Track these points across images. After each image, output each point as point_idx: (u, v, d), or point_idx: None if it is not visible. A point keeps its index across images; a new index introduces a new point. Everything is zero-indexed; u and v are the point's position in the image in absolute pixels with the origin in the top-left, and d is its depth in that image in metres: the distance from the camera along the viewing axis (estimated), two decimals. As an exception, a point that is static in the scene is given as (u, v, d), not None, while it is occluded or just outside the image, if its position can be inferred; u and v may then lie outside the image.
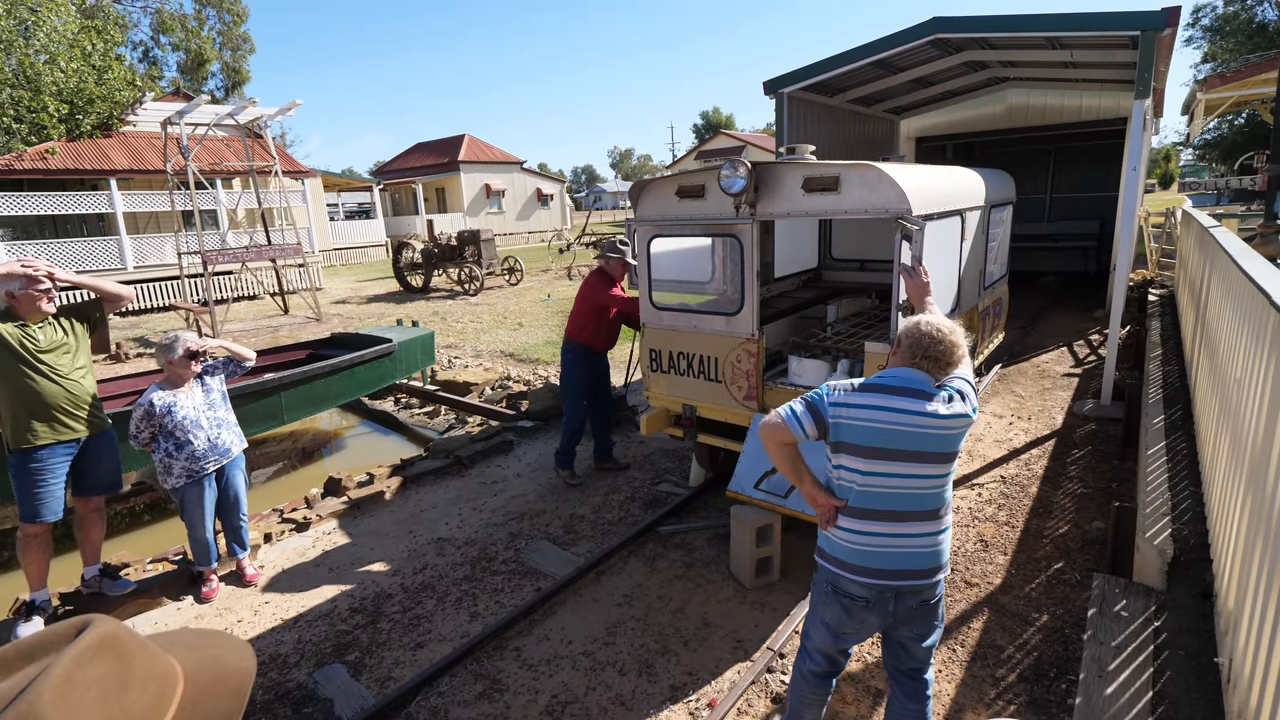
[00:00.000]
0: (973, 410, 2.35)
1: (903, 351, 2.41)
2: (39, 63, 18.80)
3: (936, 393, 2.32)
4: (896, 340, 2.47)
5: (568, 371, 5.83)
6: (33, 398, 3.84)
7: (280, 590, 4.53)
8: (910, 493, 2.33)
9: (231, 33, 38.39)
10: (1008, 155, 14.63)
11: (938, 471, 2.33)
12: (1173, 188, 44.90)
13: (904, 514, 2.34)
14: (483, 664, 3.68)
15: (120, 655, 0.70)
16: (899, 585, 2.37)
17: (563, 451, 5.88)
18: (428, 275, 18.49)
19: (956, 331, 2.38)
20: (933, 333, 2.35)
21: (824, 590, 2.52)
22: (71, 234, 19.30)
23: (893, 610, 2.40)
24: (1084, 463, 5.72)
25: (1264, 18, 31.19)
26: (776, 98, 9.04)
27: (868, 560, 2.37)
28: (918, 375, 2.35)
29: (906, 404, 2.29)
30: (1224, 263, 4.41)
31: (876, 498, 2.34)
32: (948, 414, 2.29)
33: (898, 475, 2.31)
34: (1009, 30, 7.63)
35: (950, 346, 2.34)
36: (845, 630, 2.50)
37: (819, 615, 2.57)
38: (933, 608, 2.46)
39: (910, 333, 2.40)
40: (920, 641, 2.50)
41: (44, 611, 4.07)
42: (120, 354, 11.77)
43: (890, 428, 2.28)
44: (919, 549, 2.37)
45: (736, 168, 4.20)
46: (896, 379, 2.36)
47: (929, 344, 2.34)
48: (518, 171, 38.01)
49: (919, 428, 2.27)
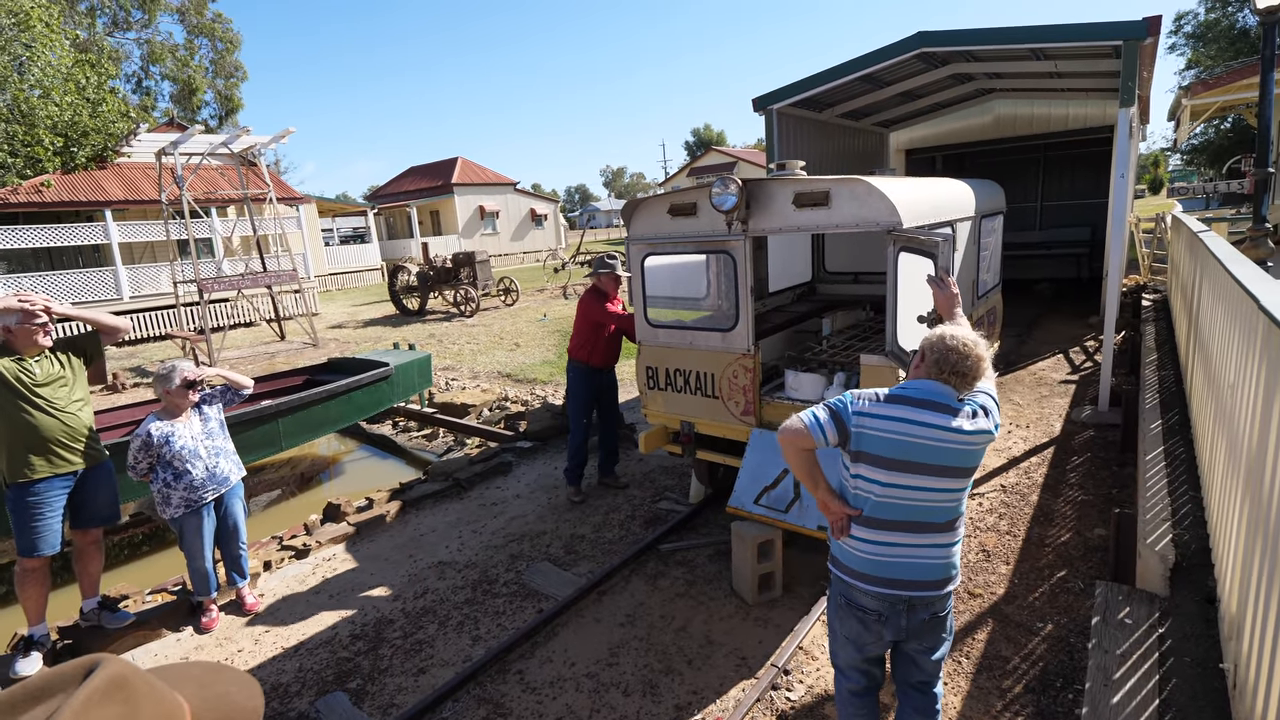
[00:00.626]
0: (995, 426, 2.35)
1: (927, 365, 2.39)
2: (34, 97, 18.93)
3: (960, 407, 2.31)
4: (920, 353, 2.45)
5: (570, 389, 5.97)
6: (29, 432, 3.84)
7: (280, 618, 4.50)
8: (927, 505, 2.32)
9: (224, 61, 38.63)
10: (997, 165, 14.75)
11: (956, 485, 2.32)
12: (1162, 193, 45.24)
13: (920, 525, 2.34)
14: (486, 688, 3.66)
15: (128, 697, 0.70)
16: (911, 596, 2.37)
17: (569, 469, 5.96)
18: (423, 298, 18.52)
19: (981, 344, 2.37)
20: (959, 347, 2.33)
21: (838, 604, 2.52)
22: (67, 266, 19.35)
23: (905, 624, 2.40)
24: (1083, 469, 5.72)
25: (1245, 24, 31.59)
26: (766, 114, 9.12)
27: (881, 570, 2.36)
28: (942, 389, 2.34)
29: (930, 417, 2.27)
30: (1214, 267, 4.44)
31: (893, 509, 2.33)
32: (972, 429, 2.28)
33: (917, 488, 2.29)
34: (993, 43, 7.73)
35: (976, 361, 2.33)
36: (866, 644, 2.49)
37: (839, 631, 2.56)
38: (942, 620, 2.46)
39: (935, 346, 2.38)
40: (930, 654, 2.50)
41: (42, 647, 4.04)
42: (117, 384, 11.75)
43: (913, 440, 2.27)
44: (932, 560, 2.37)
45: (728, 185, 4.23)
46: (921, 391, 2.34)
47: (956, 359, 2.32)
48: (511, 192, 38.16)
49: (942, 442, 2.26)
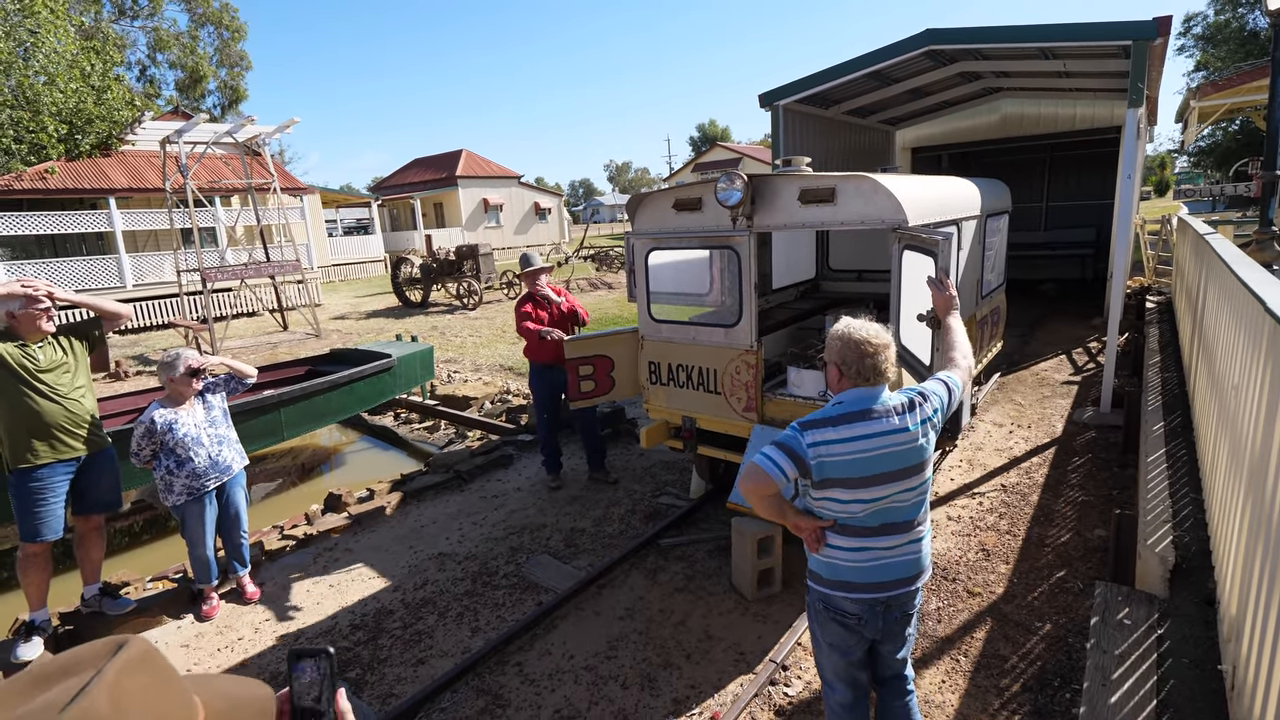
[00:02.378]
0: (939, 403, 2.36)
1: (847, 373, 2.35)
2: (38, 84, 18.89)
3: (895, 401, 2.32)
4: (832, 365, 2.40)
5: (530, 386, 6.38)
6: (33, 417, 3.85)
7: (280, 607, 4.52)
8: (897, 507, 2.34)
9: (229, 50, 38.58)
10: (1003, 164, 14.71)
11: (918, 482, 2.34)
12: (1168, 195, 45.10)
13: (891, 526, 2.35)
14: (485, 679, 3.67)
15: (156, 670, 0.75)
16: (888, 597, 2.38)
17: (544, 460, 6.30)
18: (426, 290, 18.52)
19: (883, 333, 2.36)
20: (861, 343, 2.31)
21: (817, 610, 2.52)
22: (71, 253, 19.35)
23: (882, 626, 2.43)
24: (1084, 470, 5.72)
25: (1255, 25, 31.45)
26: (772, 110, 9.11)
27: (863, 576, 2.37)
28: (871, 392, 2.32)
29: (877, 426, 2.27)
30: (1220, 270, 4.43)
31: (865, 517, 2.33)
32: (912, 425, 2.29)
33: (885, 496, 2.30)
34: (1002, 41, 7.70)
35: (880, 347, 2.31)
36: (850, 645, 2.50)
37: (823, 639, 2.55)
38: (910, 617, 2.50)
39: (839, 351, 2.35)
40: (897, 653, 2.55)
41: (43, 631, 4.05)
42: (120, 372, 11.77)
43: (872, 455, 2.26)
44: (907, 557, 2.39)
45: (733, 180, 4.22)
46: (859, 402, 2.31)
47: (868, 355, 2.30)
48: (515, 186, 38.16)
49: (897, 446, 2.27)
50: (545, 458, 6.24)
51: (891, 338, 2.37)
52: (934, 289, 3.06)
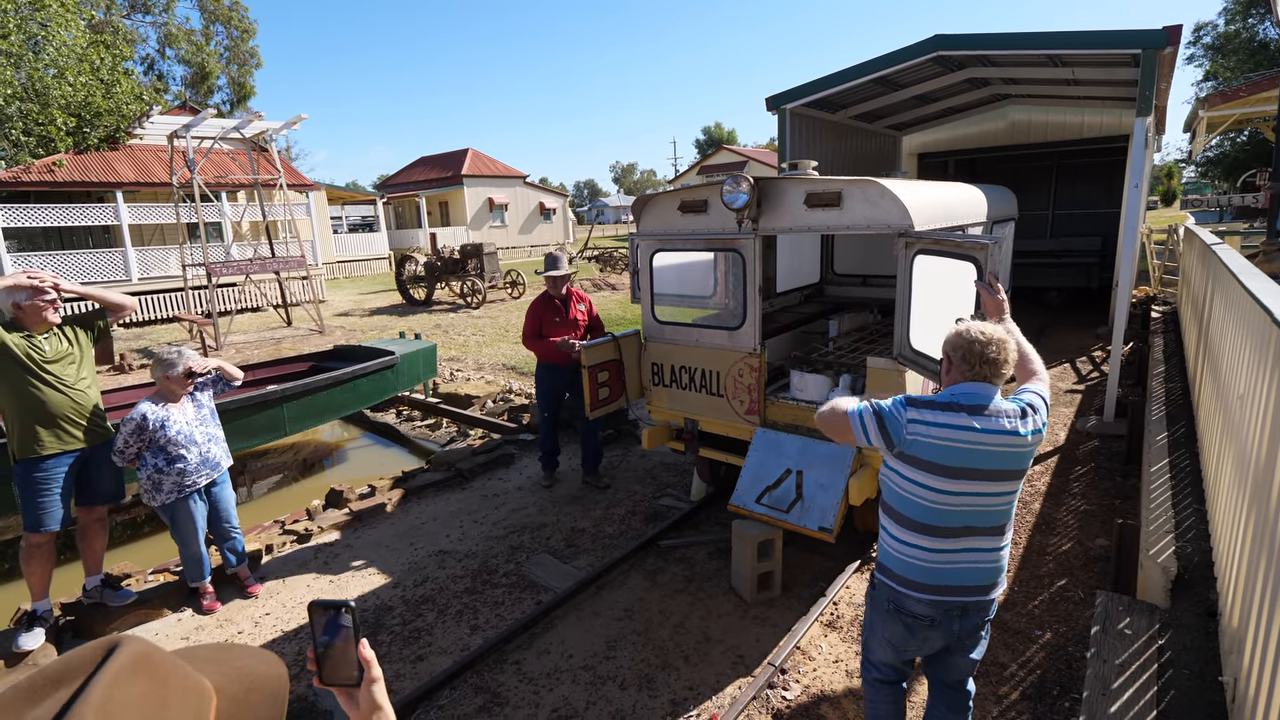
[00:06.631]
0: (1042, 424, 2.30)
1: (958, 365, 2.32)
2: (48, 77, 18.97)
3: (1008, 406, 2.27)
4: (945, 357, 2.39)
5: (536, 385, 6.42)
6: (39, 407, 3.86)
7: (280, 602, 4.52)
8: (981, 510, 2.29)
9: (239, 48, 38.66)
10: (1010, 171, 14.67)
11: (1009, 489, 2.29)
12: (1175, 205, 44.99)
13: (973, 530, 2.30)
14: (483, 677, 3.67)
15: (153, 673, 0.69)
16: (964, 602, 2.34)
17: (540, 457, 6.35)
18: (430, 288, 18.55)
19: (999, 330, 2.32)
20: (979, 337, 2.28)
21: (885, 609, 2.47)
22: (78, 246, 19.44)
23: (957, 630, 2.38)
24: (1087, 479, 5.70)
25: (1265, 36, 31.38)
26: (779, 113, 9.10)
27: (936, 578, 2.32)
28: (983, 388, 2.28)
29: (982, 422, 2.22)
30: (1227, 280, 4.42)
31: (948, 515, 2.28)
32: (1025, 431, 2.24)
33: (972, 494, 2.25)
34: (1010, 48, 7.68)
35: (1000, 345, 2.28)
36: (908, 648, 2.48)
37: (881, 633, 2.52)
38: (986, 623, 2.45)
39: (957, 344, 2.32)
40: (969, 653, 2.49)
41: (45, 622, 4.06)
42: (124, 365, 11.80)
43: (967, 447, 2.21)
44: (985, 564, 2.34)
45: (739, 183, 4.22)
46: (967, 396, 2.28)
47: (980, 349, 2.27)
48: (520, 185, 38.16)
49: (997, 446, 2.22)
50: (541, 455, 6.28)
51: (1009, 338, 2.33)
52: (984, 292, 2.98)
